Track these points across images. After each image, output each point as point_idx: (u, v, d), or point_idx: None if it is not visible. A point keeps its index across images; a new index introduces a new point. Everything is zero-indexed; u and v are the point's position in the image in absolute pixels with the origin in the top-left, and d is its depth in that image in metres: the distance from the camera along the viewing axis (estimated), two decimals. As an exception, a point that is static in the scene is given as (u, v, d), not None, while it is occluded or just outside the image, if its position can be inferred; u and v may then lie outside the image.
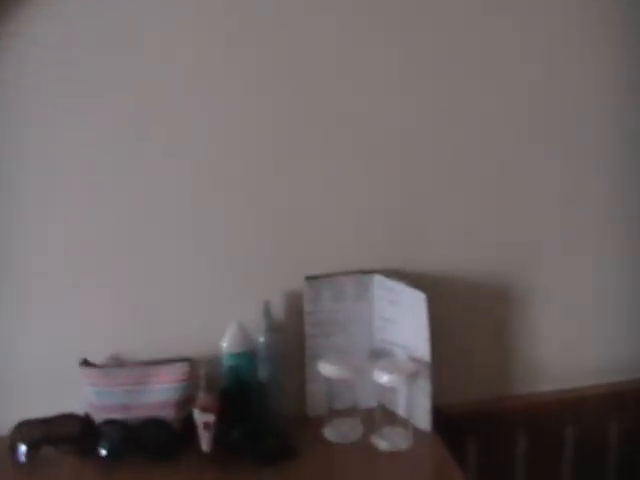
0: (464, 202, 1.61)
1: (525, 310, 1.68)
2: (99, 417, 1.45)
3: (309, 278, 1.53)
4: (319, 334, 1.55)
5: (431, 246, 1.61)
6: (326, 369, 1.49)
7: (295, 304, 1.55)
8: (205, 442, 1.42)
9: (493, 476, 1.33)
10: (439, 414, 1.52)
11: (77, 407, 1.46)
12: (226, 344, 1.49)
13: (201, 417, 1.41)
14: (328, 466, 1.44)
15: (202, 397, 1.42)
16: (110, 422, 1.43)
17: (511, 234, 1.64)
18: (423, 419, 1.51)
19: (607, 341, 1.74)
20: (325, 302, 1.54)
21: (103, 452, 1.42)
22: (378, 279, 1.55)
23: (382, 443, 1.47)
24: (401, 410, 1.49)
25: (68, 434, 1.43)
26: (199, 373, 1.44)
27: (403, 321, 1.52)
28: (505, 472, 1.67)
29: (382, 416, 1.51)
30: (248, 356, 1.49)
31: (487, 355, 1.68)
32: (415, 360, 1.48)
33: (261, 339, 1.50)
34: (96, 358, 1.50)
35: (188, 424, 1.44)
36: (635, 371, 1.74)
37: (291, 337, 1.54)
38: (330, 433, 1.51)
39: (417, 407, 1.50)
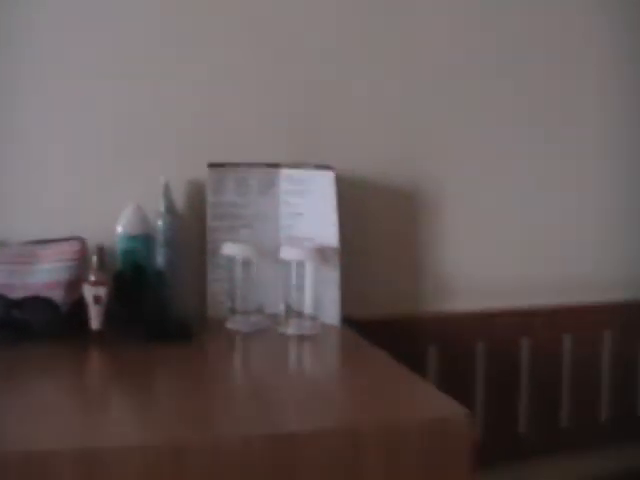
0: (370, 98, 1.60)
1: (436, 221, 1.65)
2: (-22, 297, 1.31)
3: (213, 165, 1.46)
4: (222, 228, 1.47)
5: (338, 147, 1.58)
6: (229, 249, 1.41)
7: (198, 193, 1.48)
8: (95, 319, 1.29)
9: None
10: (348, 325, 1.44)
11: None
12: (122, 227, 1.40)
13: (91, 291, 1.30)
14: (227, 347, 1.34)
15: (93, 276, 1.32)
16: (-11, 299, 1.30)
17: (420, 142, 1.63)
18: (332, 313, 1.43)
19: (521, 261, 1.72)
20: (229, 193, 1.47)
21: (-20, 331, 1.28)
22: (284, 172, 1.50)
23: (289, 329, 1.38)
24: (308, 307, 1.41)
25: (-59, 313, 1.29)
26: (90, 252, 1.34)
27: (311, 211, 1.46)
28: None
29: (289, 315, 1.43)
30: (145, 240, 1.40)
31: (397, 269, 1.64)
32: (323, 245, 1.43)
33: (160, 223, 1.41)
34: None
35: (78, 307, 1.32)
36: (546, 295, 1.72)
37: (193, 229, 1.46)
38: (233, 324, 1.41)
39: (325, 301, 1.43)
